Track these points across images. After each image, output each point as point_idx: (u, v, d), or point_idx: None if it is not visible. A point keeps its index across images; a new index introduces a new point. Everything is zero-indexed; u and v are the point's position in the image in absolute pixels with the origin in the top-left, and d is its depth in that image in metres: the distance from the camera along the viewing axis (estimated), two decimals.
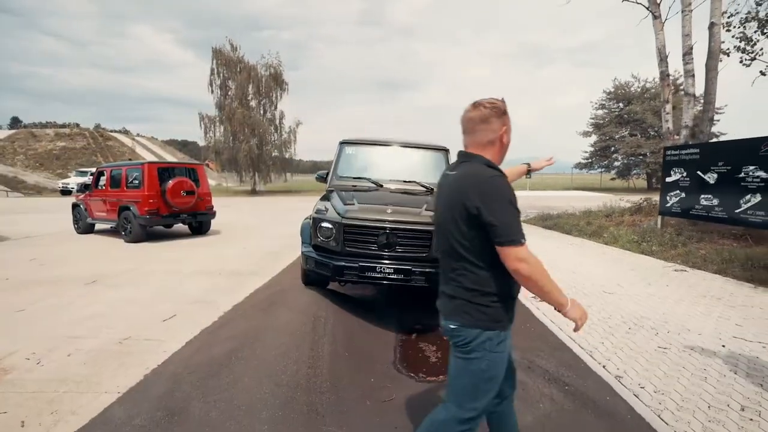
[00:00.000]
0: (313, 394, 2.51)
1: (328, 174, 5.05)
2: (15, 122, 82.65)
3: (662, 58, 9.42)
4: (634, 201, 11.03)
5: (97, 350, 3.15)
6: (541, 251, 7.44)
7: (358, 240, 3.70)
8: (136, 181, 8.80)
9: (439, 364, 3.00)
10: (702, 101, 10.47)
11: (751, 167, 6.24)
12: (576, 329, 1.43)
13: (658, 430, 2.18)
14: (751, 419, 2.26)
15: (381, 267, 3.54)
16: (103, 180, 9.64)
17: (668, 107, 9.29)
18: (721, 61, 9.43)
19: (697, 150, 7.43)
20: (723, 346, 3.27)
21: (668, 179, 8.05)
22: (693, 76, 9.20)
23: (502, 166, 1.54)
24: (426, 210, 3.84)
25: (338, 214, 3.81)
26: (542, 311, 4.09)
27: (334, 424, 2.21)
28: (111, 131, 68.13)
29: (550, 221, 11.77)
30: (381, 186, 4.62)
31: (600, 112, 34.71)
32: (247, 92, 29.45)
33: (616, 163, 34.33)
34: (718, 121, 29.74)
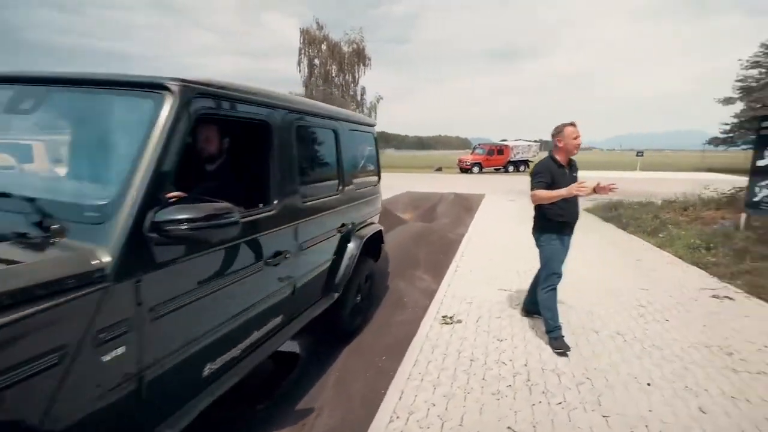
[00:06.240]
0: None
1: None
2: None
3: None
4: (726, 190, 8.24)
5: None
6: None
7: None
8: None
9: None
10: None
11: None
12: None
13: None
14: None
15: None
16: None
17: None
18: None
19: None
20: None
21: (760, 162, 5.67)
22: None
23: None
24: None
25: None
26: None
27: None
28: None
29: (614, 211, 9.57)
30: None
31: (753, 71, 27.01)
32: (330, 70, 30.11)
33: None
34: None
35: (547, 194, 2.87)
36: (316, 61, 30.57)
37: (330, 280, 2.88)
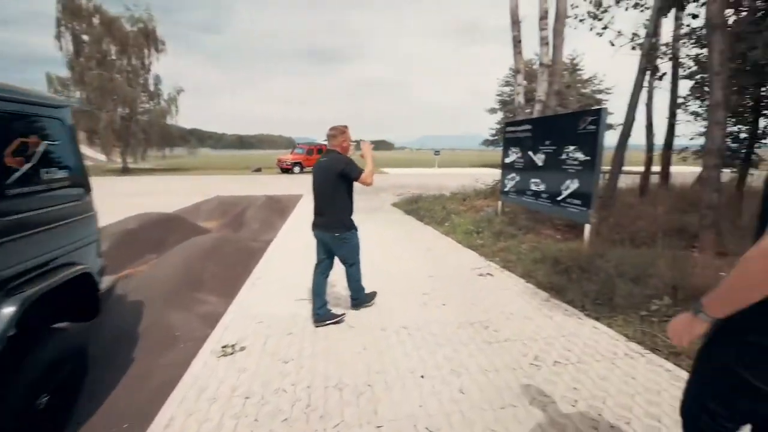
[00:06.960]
0: None
1: None
2: None
3: (515, 22, 8.39)
4: (490, 183, 10.27)
5: None
6: (369, 244, 6.01)
7: None
8: None
9: None
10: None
11: (571, 147, 5.31)
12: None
13: None
14: None
15: None
16: None
17: (519, 78, 8.34)
18: (575, 29, 8.67)
19: (530, 126, 6.47)
20: None
21: (506, 159, 7.09)
22: (547, 44, 8.30)
23: None
24: None
25: None
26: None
27: None
28: None
29: (414, 205, 10.68)
30: None
31: (506, 89, 35.09)
32: (108, 51, 24.73)
33: None
34: (607, 101, 31.38)
35: (370, 171, 3.30)
36: (86, 38, 24.64)
37: None
